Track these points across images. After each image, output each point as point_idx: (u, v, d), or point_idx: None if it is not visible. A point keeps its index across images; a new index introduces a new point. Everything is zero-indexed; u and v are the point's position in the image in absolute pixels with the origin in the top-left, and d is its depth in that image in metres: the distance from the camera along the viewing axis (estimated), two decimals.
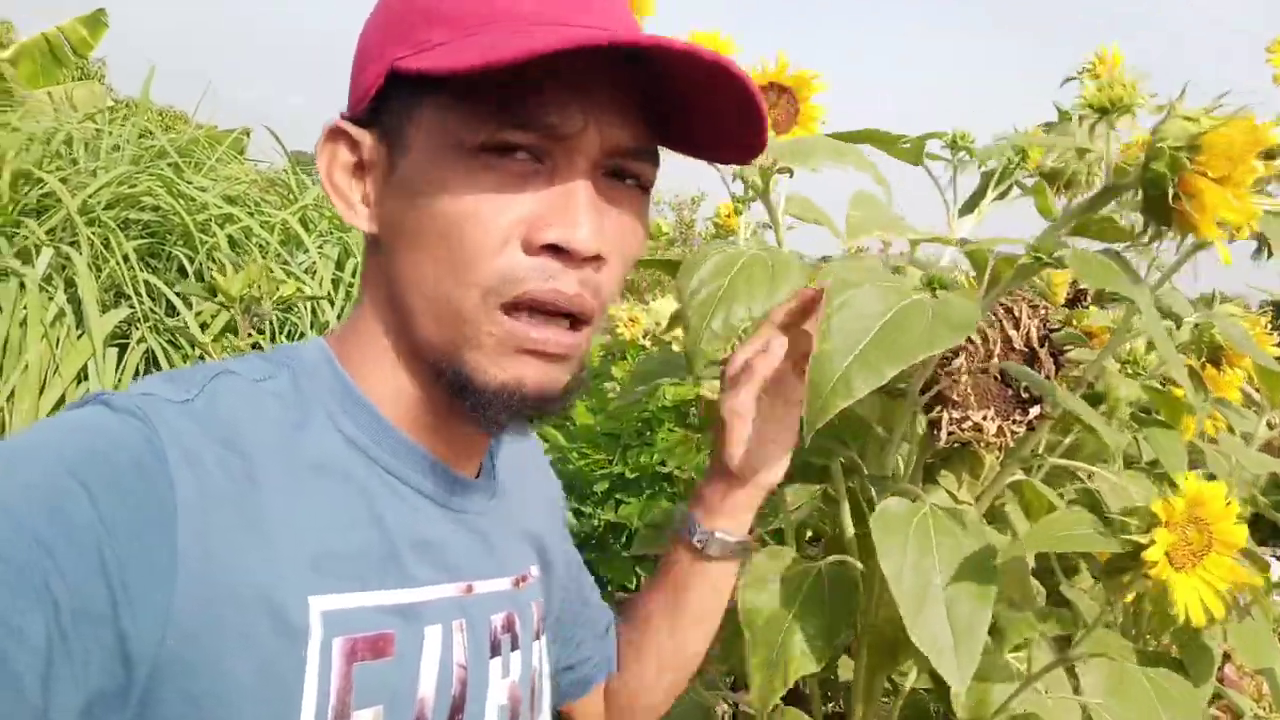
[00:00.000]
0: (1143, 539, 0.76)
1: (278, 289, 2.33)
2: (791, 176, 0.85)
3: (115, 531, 0.47)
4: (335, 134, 0.61)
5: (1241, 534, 0.76)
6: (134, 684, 0.47)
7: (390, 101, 0.58)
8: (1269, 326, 1.08)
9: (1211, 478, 1.37)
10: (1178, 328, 1.02)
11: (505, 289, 0.55)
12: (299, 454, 0.56)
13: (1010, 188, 1.00)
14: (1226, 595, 0.77)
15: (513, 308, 0.56)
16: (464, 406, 0.58)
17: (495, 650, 0.64)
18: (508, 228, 0.55)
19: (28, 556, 0.44)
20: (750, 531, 0.84)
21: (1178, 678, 0.86)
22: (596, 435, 2.16)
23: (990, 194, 1.00)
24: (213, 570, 0.49)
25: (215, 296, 2.89)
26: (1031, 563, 1.01)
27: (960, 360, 0.82)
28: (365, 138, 0.60)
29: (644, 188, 0.61)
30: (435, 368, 0.58)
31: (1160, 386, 1.14)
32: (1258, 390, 1.39)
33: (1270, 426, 1.55)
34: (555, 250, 0.55)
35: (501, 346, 0.56)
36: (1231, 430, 1.42)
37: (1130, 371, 1.11)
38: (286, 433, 0.56)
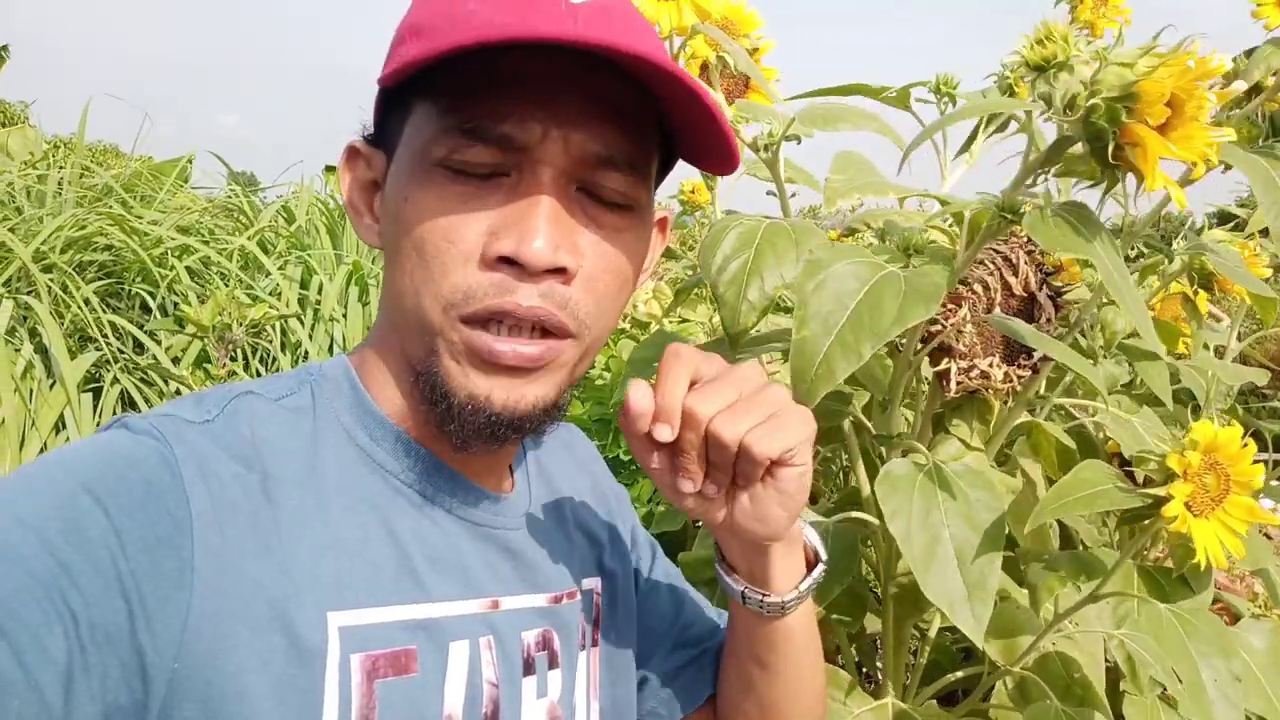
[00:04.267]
0: (1161, 492, 0.77)
1: (246, 313, 2.31)
2: (799, 143, 0.86)
3: (130, 547, 0.47)
4: (352, 154, 0.63)
5: (1258, 472, 0.76)
6: (152, 699, 0.47)
7: (388, 118, 0.60)
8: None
9: (1188, 393, 1.42)
10: (1169, 261, 1.05)
11: (463, 304, 0.55)
12: (316, 470, 0.56)
13: (1006, 123, 1.01)
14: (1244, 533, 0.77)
15: (472, 319, 0.55)
16: (437, 416, 0.57)
17: (529, 669, 0.63)
18: (470, 242, 0.55)
19: (48, 572, 0.44)
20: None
21: (1206, 614, 0.89)
22: (588, 422, 2.17)
23: (982, 135, 1.01)
24: (227, 585, 0.49)
25: (183, 329, 2.87)
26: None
27: (964, 311, 0.84)
28: (373, 155, 0.62)
29: (626, 204, 0.59)
30: (414, 380, 0.58)
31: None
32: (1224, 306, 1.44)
33: (1240, 339, 1.61)
34: (510, 263, 0.54)
35: (467, 357, 0.56)
36: (1206, 346, 1.47)
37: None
38: (304, 449, 0.57)
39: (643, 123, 0.58)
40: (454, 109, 0.55)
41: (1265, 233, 1.29)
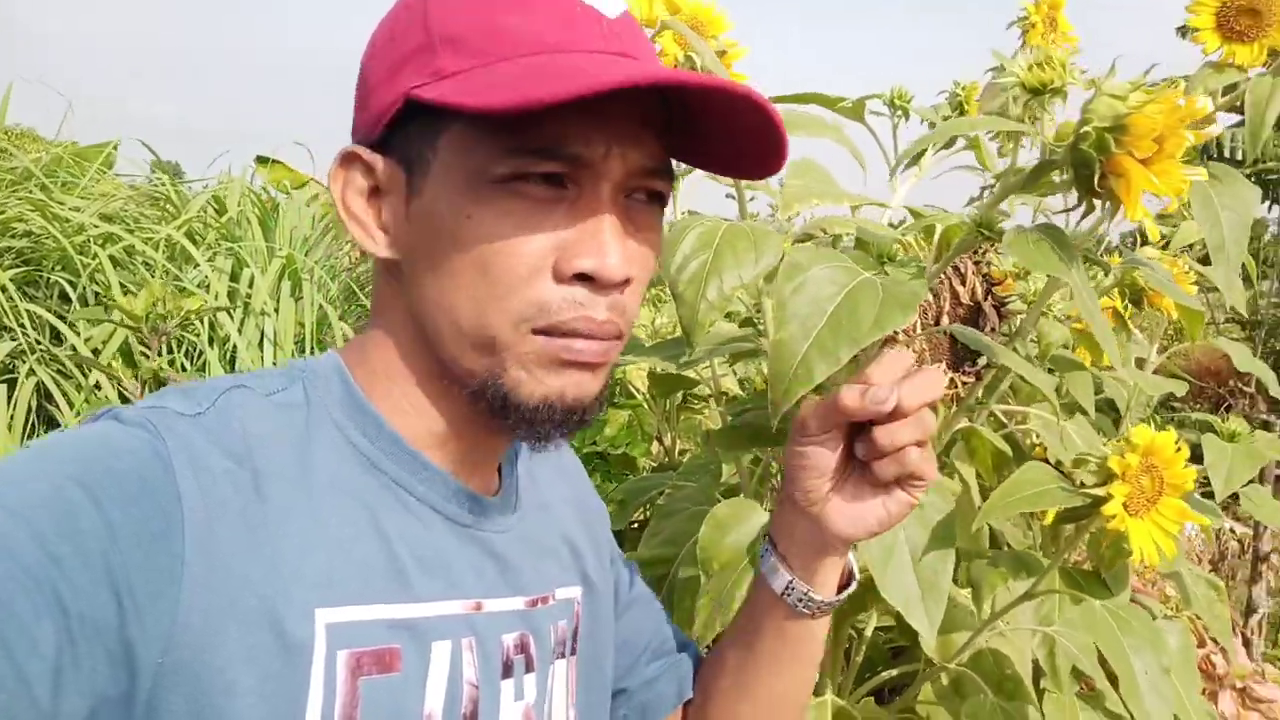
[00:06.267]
0: (1101, 492, 0.80)
1: (182, 305, 2.24)
2: None
3: (121, 540, 0.47)
4: (349, 159, 0.60)
5: (1190, 476, 0.80)
6: (138, 691, 0.47)
7: (407, 128, 0.58)
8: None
9: (1109, 402, 1.48)
10: (1106, 274, 1.10)
11: (538, 318, 0.56)
12: (307, 466, 0.56)
13: (954, 140, 1.05)
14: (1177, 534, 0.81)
15: (549, 332, 0.57)
16: (507, 425, 0.59)
17: (507, 671, 0.63)
18: (537, 256, 0.56)
19: (38, 565, 0.44)
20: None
21: (1136, 609, 0.93)
22: None
23: (931, 150, 1.04)
24: (217, 581, 0.50)
25: (112, 318, 2.78)
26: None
27: (914, 318, 0.87)
28: (379, 163, 0.59)
29: (661, 202, 0.62)
30: (474, 392, 0.59)
31: (1078, 326, 1.23)
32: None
33: (1161, 351, 1.68)
34: (585, 279, 0.56)
35: (539, 363, 0.57)
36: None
37: (1049, 314, 1.20)
38: (295, 445, 0.56)
39: (673, 128, 0.61)
40: (515, 129, 0.54)
41: (1190, 248, 1.35)
